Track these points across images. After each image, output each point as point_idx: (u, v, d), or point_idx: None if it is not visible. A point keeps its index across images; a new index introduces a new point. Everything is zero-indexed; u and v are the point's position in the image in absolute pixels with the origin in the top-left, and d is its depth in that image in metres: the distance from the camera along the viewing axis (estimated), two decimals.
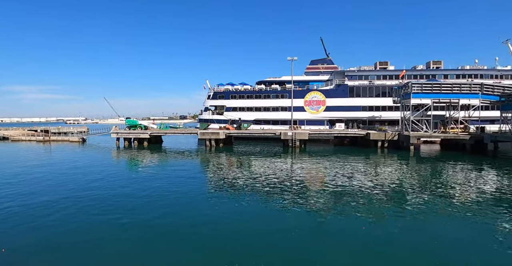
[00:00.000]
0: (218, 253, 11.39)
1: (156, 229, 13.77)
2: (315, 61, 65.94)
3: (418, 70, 61.56)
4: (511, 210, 16.51)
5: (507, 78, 59.81)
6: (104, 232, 13.52)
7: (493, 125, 47.60)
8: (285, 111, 59.95)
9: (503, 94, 42.77)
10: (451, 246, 12.08)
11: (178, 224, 14.35)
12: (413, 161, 34.05)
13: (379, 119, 57.91)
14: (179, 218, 15.16)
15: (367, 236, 12.84)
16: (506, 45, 63.36)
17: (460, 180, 24.33)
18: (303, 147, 45.69)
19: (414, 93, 43.30)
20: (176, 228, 13.90)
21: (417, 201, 18.15)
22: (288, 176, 25.30)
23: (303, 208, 16.59)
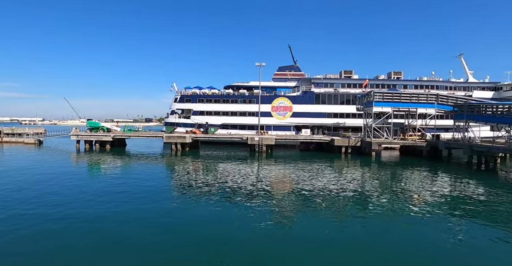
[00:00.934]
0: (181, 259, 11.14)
1: (114, 235, 13.15)
2: (283, 68, 67.05)
3: (380, 79, 64.40)
4: (462, 210, 17.64)
5: (459, 90, 64.08)
6: (56, 240, 12.69)
7: (447, 133, 50.68)
8: (252, 116, 60.27)
9: (456, 105, 45.82)
10: (411, 245, 12.70)
11: (139, 231, 13.76)
12: (375, 166, 35.37)
13: (343, 126, 59.81)
14: (140, 224, 14.54)
15: (330, 239, 13.11)
16: (459, 59, 68.17)
17: (417, 183, 25.66)
18: (269, 152, 46.06)
19: (376, 102, 45.21)
20: (136, 234, 13.30)
21: (378, 204, 18.88)
22: (255, 180, 25.35)
23: (269, 212, 16.65)
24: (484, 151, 36.06)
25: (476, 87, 65.08)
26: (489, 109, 41.49)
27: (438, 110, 47.07)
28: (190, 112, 62.79)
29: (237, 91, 63.28)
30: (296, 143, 54.48)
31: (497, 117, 38.84)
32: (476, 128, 44.44)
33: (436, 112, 47.08)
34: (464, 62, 67.42)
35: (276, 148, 48.87)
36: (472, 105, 43.35)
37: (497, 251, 12.37)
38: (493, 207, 18.98)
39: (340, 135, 52.39)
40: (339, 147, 46.02)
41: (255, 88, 61.82)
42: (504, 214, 17.49)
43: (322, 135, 56.73)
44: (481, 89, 64.93)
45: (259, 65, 52.20)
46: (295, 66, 67.72)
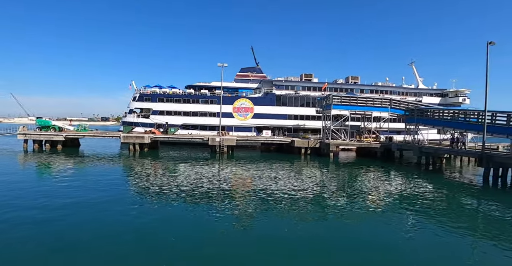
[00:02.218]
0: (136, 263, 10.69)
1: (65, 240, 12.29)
2: (245, 69, 67.35)
3: (338, 83, 66.72)
4: (412, 206, 18.69)
5: (411, 95, 68.10)
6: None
7: (399, 136, 53.54)
8: (213, 117, 59.76)
9: (407, 109, 48.59)
10: (367, 242, 13.14)
11: (92, 235, 12.96)
12: (333, 167, 36.48)
13: (303, 127, 61.18)
14: (94, 228, 13.73)
15: (289, 237, 13.21)
16: (411, 66, 72.47)
17: (372, 182, 26.86)
18: (230, 153, 45.90)
19: (335, 105, 46.76)
20: (89, 239, 12.51)
21: (336, 202, 19.46)
22: (215, 182, 25.06)
23: (229, 213, 16.44)
24: (432, 152, 38.55)
25: (425, 93, 69.51)
26: (436, 114, 44.39)
27: (391, 114, 49.63)
28: (149, 111, 60.97)
29: (199, 91, 62.53)
30: (257, 144, 54.83)
31: (443, 121, 41.69)
32: (425, 131, 47.35)
33: (390, 116, 49.62)
34: (415, 70, 71.79)
35: (237, 149, 48.80)
36: (421, 110, 46.22)
37: (441, 244, 13.19)
38: (438, 203, 20.34)
39: (300, 136, 53.60)
40: (299, 148, 46.94)
41: (217, 88, 61.47)
42: (448, 209, 18.80)
43: (282, 136, 57.57)
44: (429, 95, 69.44)
45: (221, 66, 51.93)
46: (257, 68, 68.35)
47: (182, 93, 62.11)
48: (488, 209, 19.74)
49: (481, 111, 33.84)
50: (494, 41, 29.72)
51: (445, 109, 47.67)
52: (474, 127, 35.89)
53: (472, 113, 38.44)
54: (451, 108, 52.44)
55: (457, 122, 39.19)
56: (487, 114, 31.71)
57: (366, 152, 47.18)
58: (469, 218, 17.73)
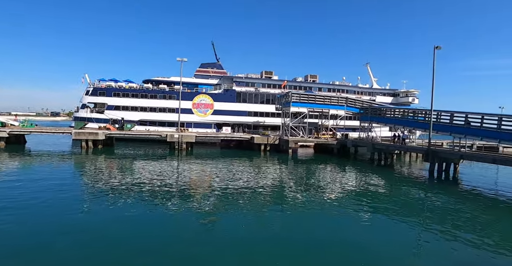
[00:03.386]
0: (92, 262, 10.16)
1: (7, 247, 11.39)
2: (205, 65, 66.41)
3: (297, 81, 68.02)
4: (366, 200, 19.53)
5: (365, 94, 71.14)
6: None
7: (354, 133, 55.80)
8: (172, 112, 58.36)
9: (361, 107, 50.73)
10: (324, 235, 13.51)
11: (41, 239, 12.08)
12: (291, 163, 37.13)
13: (263, 124, 61.69)
14: (44, 232, 12.74)
15: (246, 234, 13.12)
16: (366, 67, 75.71)
17: (328, 177, 27.73)
18: (190, 149, 45.12)
19: (293, 102, 47.61)
20: (38, 243, 11.59)
21: (294, 198, 19.81)
22: (173, 179, 24.43)
23: (187, 210, 16.07)
24: (384, 149, 40.57)
25: (379, 93, 73.00)
26: (388, 112, 46.80)
27: (347, 112, 51.56)
28: (104, 106, 58.15)
29: (157, 86, 60.66)
30: (217, 140, 54.42)
31: (394, 119, 44.04)
32: (378, 128, 49.80)
33: (346, 113, 51.52)
34: (369, 70, 75.14)
35: (196, 146, 48.10)
36: (375, 109, 48.49)
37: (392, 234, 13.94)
38: (389, 195, 21.53)
39: (260, 133, 53.99)
40: (258, 145, 47.25)
41: (176, 84, 60.00)
42: (398, 201, 19.89)
43: (242, 132, 57.69)
44: (382, 95, 73.02)
45: (180, 61, 50.70)
46: (218, 64, 67.67)
47: (140, 88, 59.95)
48: (433, 200, 21.16)
49: (427, 110, 36.18)
50: (440, 46, 31.93)
51: (396, 108, 50.38)
52: (421, 125, 38.36)
53: (420, 112, 41.06)
54: (401, 107, 55.50)
55: (407, 120, 41.64)
56: (433, 113, 34.01)
57: (324, 148, 48.59)
58: (417, 209, 18.89)
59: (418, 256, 11.91)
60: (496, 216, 17.79)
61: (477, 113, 31.14)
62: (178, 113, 53.52)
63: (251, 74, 66.65)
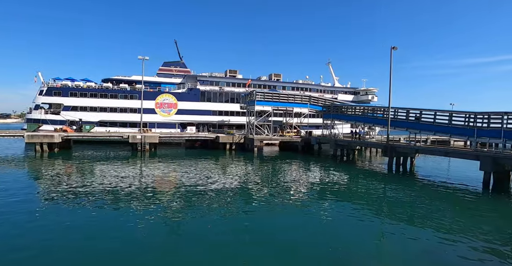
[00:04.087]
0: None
1: None
2: (168, 63, 64.96)
3: (262, 80, 68.37)
4: (330, 194, 20.11)
5: (328, 92, 72.95)
6: None
7: (318, 130, 57.15)
8: (134, 113, 56.44)
9: (324, 105, 52.07)
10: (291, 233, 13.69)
11: None
12: (257, 161, 37.33)
13: (228, 123, 61.46)
14: None
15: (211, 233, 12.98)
16: (328, 66, 77.68)
17: (294, 174, 28.21)
18: (153, 150, 43.95)
19: (258, 101, 47.89)
20: None
21: (261, 195, 19.95)
22: (137, 182, 23.56)
23: (152, 213, 15.61)
24: (346, 145, 41.93)
25: (340, 91, 75.17)
26: (349, 110, 48.37)
27: (311, 110, 52.72)
28: (60, 107, 55.03)
29: (117, 86, 58.41)
30: (182, 140, 53.48)
31: (355, 116, 45.60)
32: (340, 125, 51.30)
33: (309, 111, 52.67)
34: (331, 69, 77.21)
35: (160, 146, 47.00)
36: (337, 106, 49.93)
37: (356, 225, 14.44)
38: (352, 189, 22.44)
39: (225, 132, 53.78)
40: (223, 144, 47.05)
41: (138, 83, 58.16)
42: (360, 194, 20.70)
43: (207, 132, 57.15)
44: (344, 93, 75.26)
45: (142, 59, 49.19)
46: (181, 62, 66.44)
47: (99, 87, 57.37)
48: (392, 192, 22.22)
49: (385, 107, 37.86)
50: (397, 47, 33.57)
51: (357, 106, 52.25)
52: (380, 122, 40.07)
53: (379, 109, 42.87)
54: (362, 105, 57.59)
55: (367, 117, 43.26)
56: (390, 110, 35.63)
57: (288, 146, 49.31)
58: (378, 201, 19.69)
59: (381, 246, 12.44)
60: (449, 204, 19.03)
61: (430, 110, 33.00)
62: (140, 113, 51.96)
63: (216, 73, 66.12)
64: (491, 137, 26.53)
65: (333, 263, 10.50)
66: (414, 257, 11.22)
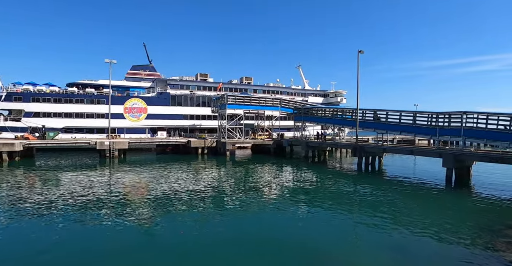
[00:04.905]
0: None
1: None
2: (137, 67, 63.57)
3: (233, 84, 68.41)
4: (303, 195, 20.37)
5: (298, 95, 74.11)
6: None
7: (289, 132, 57.83)
8: (102, 118, 54.61)
9: (295, 108, 52.85)
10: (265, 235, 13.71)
11: None
12: (230, 164, 37.21)
13: (200, 127, 60.87)
14: None
15: (184, 239, 12.79)
16: (298, 69, 78.93)
17: (267, 176, 28.34)
18: (122, 157, 42.70)
19: (229, 104, 47.88)
20: None
21: (234, 199, 19.89)
22: (105, 189, 22.77)
23: (122, 222, 15.08)
24: (317, 146, 42.72)
25: (311, 93, 76.56)
26: (320, 112, 49.34)
27: (282, 113, 53.34)
28: (21, 113, 52.25)
29: (83, 90, 56.36)
30: (152, 146, 52.37)
31: (325, 118, 46.59)
32: (311, 127, 52.25)
33: (280, 114, 53.25)
34: (301, 72, 78.51)
35: (130, 152, 45.77)
36: (307, 109, 50.78)
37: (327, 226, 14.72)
38: (323, 189, 22.87)
39: (197, 136, 53.23)
40: (195, 148, 46.57)
41: (105, 87, 56.41)
42: (331, 194, 21.15)
43: (178, 136, 56.30)
44: (314, 95, 76.72)
45: (109, 62, 47.82)
46: (150, 66, 65.29)
47: (63, 92, 55.04)
48: (362, 191, 22.89)
49: (354, 109, 38.95)
50: (363, 50, 34.77)
51: (326, 108, 53.32)
52: (349, 123, 41.22)
53: (347, 111, 44.03)
54: (331, 107, 58.89)
55: (336, 119, 44.34)
56: (359, 112, 36.73)
57: (261, 149, 49.55)
58: (348, 200, 20.19)
59: (353, 243, 12.74)
60: (416, 200, 19.89)
61: (396, 111, 34.33)
62: (108, 118, 50.42)
63: (186, 76, 65.41)
64: (452, 135, 27.99)
65: (308, 261, 10.63)
66: (385, 252, 11.60)
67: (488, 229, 13.90)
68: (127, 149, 43.90)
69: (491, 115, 25.85)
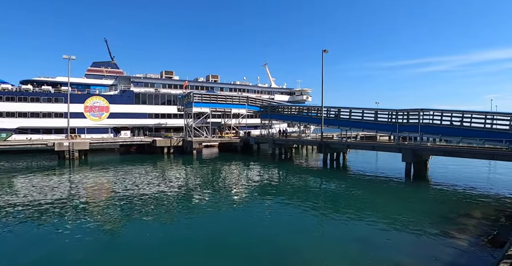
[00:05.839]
0: None
1: None
2: (98, 64, 60.88)
3: (199, 81, 67.58)
4: (270, 193, 20.59)
5: (265, 93, 74.58)
6: None
7: (256, 130, 58.13)
8: (60, 117, 51.82)
9: (262, 106, 53.18)
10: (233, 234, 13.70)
11: None
12: (197, 164, 36.79)
13: (165, 126, 59.59)
14: None
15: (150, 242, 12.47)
16: (265, 67, 79.43)
17: (235, 174, 28.38)
18: (83, 158, 40.89)
19: (196, 103, 47.29)
20: None
21: (200, 199, 19.69)
22: (65, 193, 21.54)
23: (84, 226, 14.45)
24: (283, 144, 43.29)
25: (277, 91, 77.31)
26: (286, 110, 50.03)
27: (249, 111, 53.50)
28: None
29: (39, 88, 53.19)
30: (115, 146, 50.59)
31: (291, 116, 47.35)
32: (277, 125, 52.81)
33: (247, 112, 53.38)
34: (268, 70, 79.07)
35: (91, 153, 43.97)
36: (274, 107, 51.31)
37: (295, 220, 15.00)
38: (291, 185, 23.27)
39: (162, 136, 52.15)
40: (161, 148, 45.61)
41: (64, 84, 53.56)
42: (298, 189, 21.54)
43: (143, 136, 54.82)
44: (280, 93, 77.53)
45: (67, 58, 45.49)
46: (112, 62, 62.77)
47: (16, 90, 51.67)
48: (328, 186, 23.66)
49: (319, 107, 39.83)
50: (327, 50, 35.60)
51: (292, 106, 54.22)
52: (314, 121, 42.12)
53: (313, 108, 45.00)
54: (297, 105, 59.89)
55: (302, 116, 45.15)
56: (323, 109, 37.63)
57: (228, 147, 49.41)
58: (315, 194, 20.77)
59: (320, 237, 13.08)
60: (378, 193, 20.76)
61: (358, 108, 35.55)
62: (67, 118, 48.05)
63: (150, 74, 63.63)
64: (410, 131, 29.48)
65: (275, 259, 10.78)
66: (351, 244, 12.04)
67: (443, 218, 14.86)
68: (88, 150, 42.12)
69: (445, 112, 27.52)
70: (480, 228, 13.38)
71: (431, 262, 10.25)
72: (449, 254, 10.90)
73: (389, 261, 10.36)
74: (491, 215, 15.45)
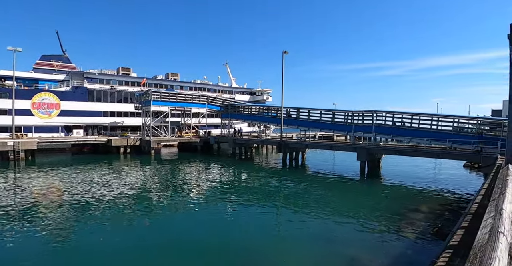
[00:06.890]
0: None
1: None
2: (48, 57, 57.03)
3: (158, 79, 65.76)
4: (230, 193, 20.58)
5: (226, 93, 74.33)
6: None
7: (217, 130, 57.74)
8: (4, 115, 47.92)
9: (222, 105, 53.00)
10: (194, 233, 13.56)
11: None
12: (155, 164, 35.82)
13: (122, 125, 57.22)
14: None
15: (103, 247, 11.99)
16: (226, 66, 79.18)
17: (194, 175, 28.06)
18: (30, 158, 38.16)
19: (154, 101, 45.99)
20: None
21: (158, 201, 19.14)
22: (9, 197, 19.99)
23: (31, 233, 13.47)
24: (244, 143, 43.44)
25: (238, 91, 77.39)
26: (246, 109, 50.24)
27: (209, 110, 53.06)
28: None
29: None
30: (67, 145, 47.71)
31: (252, 116, 47.67)
32: (238, 125, 52.83)
33: (207, 111, 52.92)
34: (229, 70, 78.90)
35: (40, 154, 41.13)
36: (234, 106, 51.35)
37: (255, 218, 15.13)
38: (251, 185, 23.45)
39: (118, 135, 50.19)
40: (117, 147, 43.87)
41: (8, 79, 49.55)
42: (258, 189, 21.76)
43: (98, 135, 52.33)
44: (241, 93, 77.69)
45: (12, 50, 42.17)
46: (64, 57, 59.20)
47: None
48: (287, 185, 24.13)
49: (279, 107, 40.44)
50: (287, 51, 36.25)
51: (253, 105, 54.50)
52: (274, 121, 42.73)
53: (273, 109, 45.59)
54: (258, 105, 60.29)
55: (262, 116, 45.59)
56: (283, 110, 38.26)
57: (188, 147, 48.64)
58: (274, 193, 21.16)
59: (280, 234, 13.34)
60: (335, 190, 21.66)
61: (316, 109, 36.61)
62: (12, 115, 44.59)
63: (106, 70, 60.81)
64: (365, 131, 30.92)
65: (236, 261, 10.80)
66: (310, 241, 12.36)
67: (394, 213, 15.75)
68: (36, 150, 39.38)
69: (396, 114, 29.21)
70: (427, 222, 14.36)
71: (382, 255, 10.83)
72: (399, 246, 11.63)
73: (344, 256, 10.84)
74: (436, 209, 16.66)
